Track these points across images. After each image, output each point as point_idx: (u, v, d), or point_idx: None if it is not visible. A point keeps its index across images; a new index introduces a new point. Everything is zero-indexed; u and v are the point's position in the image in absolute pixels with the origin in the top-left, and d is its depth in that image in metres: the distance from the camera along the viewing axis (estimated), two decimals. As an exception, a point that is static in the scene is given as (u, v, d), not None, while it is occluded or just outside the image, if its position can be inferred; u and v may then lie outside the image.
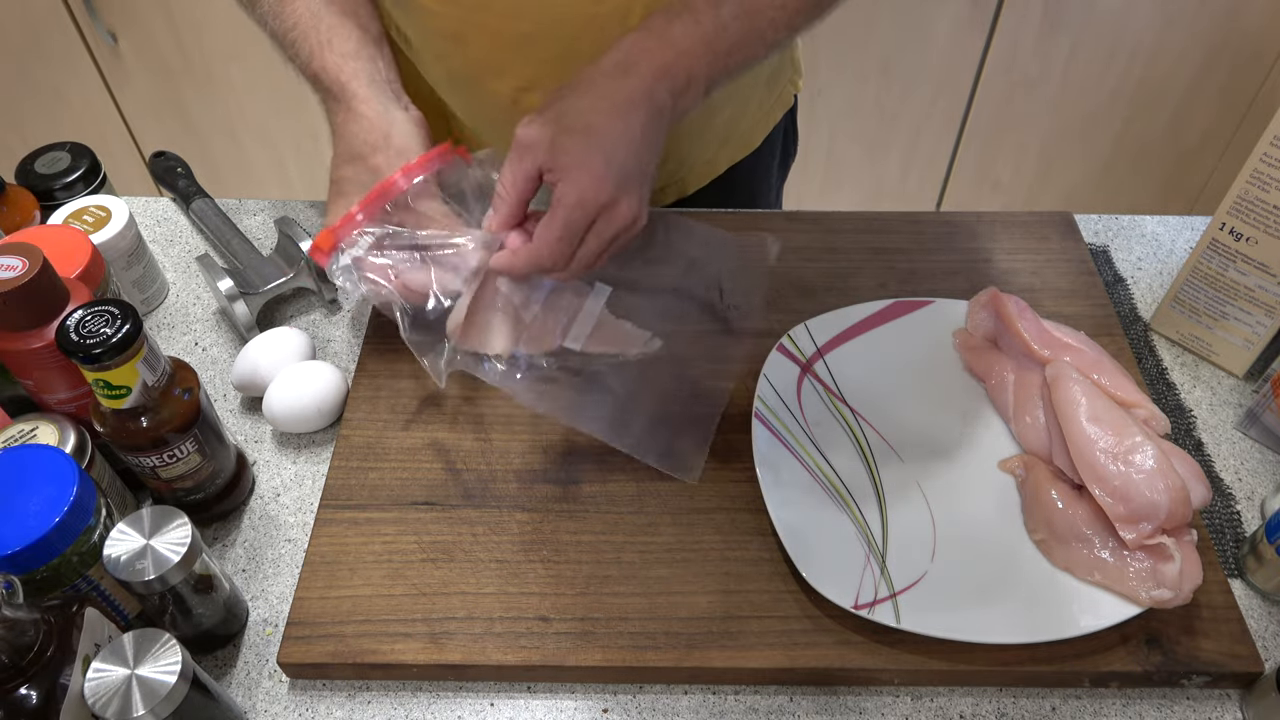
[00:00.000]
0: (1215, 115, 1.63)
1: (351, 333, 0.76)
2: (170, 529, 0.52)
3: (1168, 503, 0.54)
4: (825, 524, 0.59)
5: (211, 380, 0.73)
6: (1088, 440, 0.58)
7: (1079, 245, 0.78)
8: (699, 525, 0.61)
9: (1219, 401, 0.70)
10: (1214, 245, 0.68)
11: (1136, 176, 1.74)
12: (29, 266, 0.57)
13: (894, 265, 0.76)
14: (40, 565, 0.51)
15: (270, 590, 0.61)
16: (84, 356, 0.52)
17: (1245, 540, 0.62)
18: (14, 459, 0.53)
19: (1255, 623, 0.59)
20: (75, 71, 1.63)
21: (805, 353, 0.69)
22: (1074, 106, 1.62)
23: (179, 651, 0.47)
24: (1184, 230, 0.83)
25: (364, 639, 0.56)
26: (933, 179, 1.76)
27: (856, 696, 0.56)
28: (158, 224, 0.86)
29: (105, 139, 1.71)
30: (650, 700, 0.56)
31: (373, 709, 0.56)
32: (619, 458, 0.64)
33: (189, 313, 0.78)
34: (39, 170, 0.81)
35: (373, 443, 0.66)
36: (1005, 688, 0.56)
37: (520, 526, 0.61)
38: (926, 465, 0.63)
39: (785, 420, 0.65)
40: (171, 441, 0.57)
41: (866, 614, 0.55)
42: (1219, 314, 0.70)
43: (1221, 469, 0.66)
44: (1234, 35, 1.52)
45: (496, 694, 0.57)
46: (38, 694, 0.46)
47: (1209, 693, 0.56)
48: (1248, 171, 0.63)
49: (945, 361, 0.69)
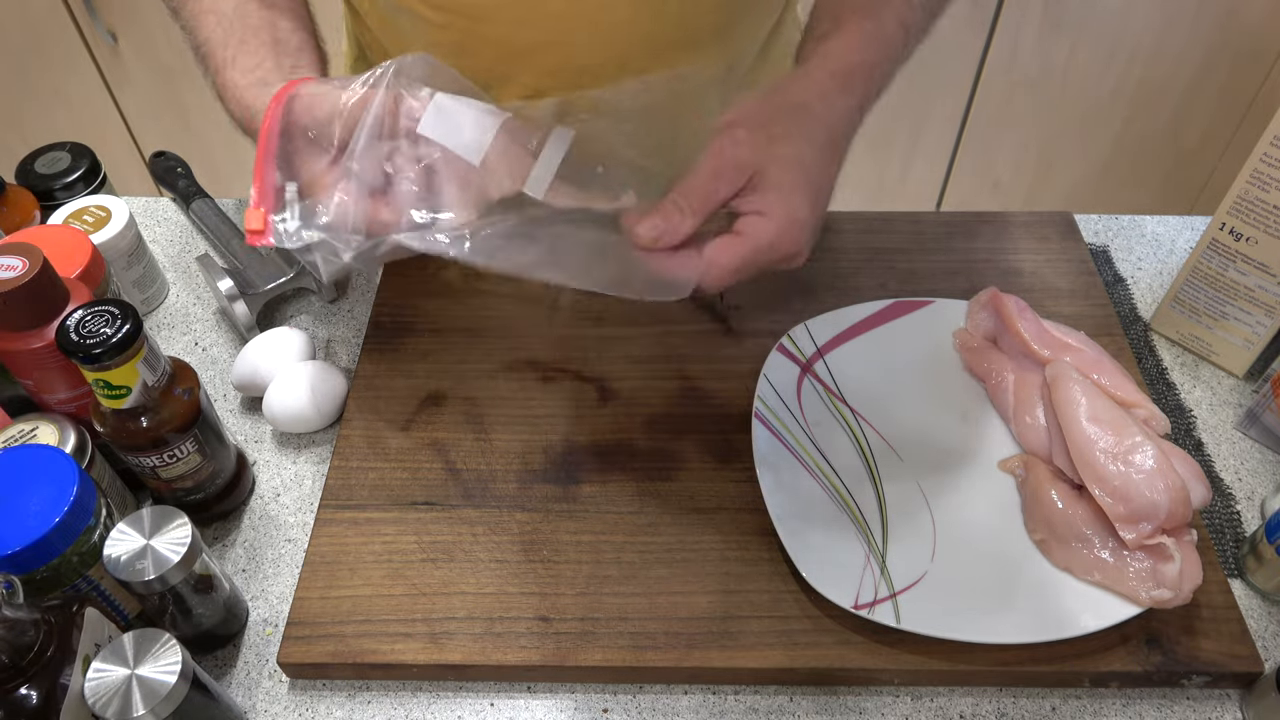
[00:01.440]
0: (1215, 115, 1.63)
1: (351, 333, 0.76)
2: (170, 529, 0.52)
3: (1168, 503, 0.54)
4: (825, 524, 0.59)
5: (211, 380, 0.73)
6: (1088, 440, 0.58)
7: (1079, 245, 0.78)
8: (699, 525, 0.61)
9: (1219, 401, 0.70)
10: (1214, 245, 0.68)
11: (1136, 176, 1.74)
12: (29, 266, 0.57)
13: (894, 265, 0.76)
14: (40, 565, 0.51)
15: (270, 590, 0.61)
16: (84, 356, 0.52)
17: (1245, 540, 0.62)
18: (14, 459, 0.53)
19: (1255, 623, 0.59)
20: (75, 71, 1.63)
21: (805, 353, 0.69)
22: (1074, 106, 1.62)
23: (179, 651, 0.47)
24: (1184, 230, 0.83)
25: (364, 639, 0.56)
26: (933, 179, 1.76)
27: (856, 696, 0.56)
28: (158, 224, 0.86)
29: (105, 139, 1.71)
30: (650, 700, 0.56)
31: (373, 709, 0.56)
32: (619, 457, 0.64)
33: (189, 313, 0.78)
34: (39, 170, 0.81)
35: (373, 443, 0.66)
36: (1005, 688, 0.56)
37: (520, 526, 0.61)
38: (926, 465, 0.63)
39: (785, 420, 0.65)
40: (171, 441, 0.58)
41: (866, 614, 0.55)
42: (1219, 314, 0.70)
43: (1221, 469, 0.66)
44: (1234, 35, 1.52)
45: (496, 694, 0.57)
46: (38, 694, 0.46)
47: (1209, 693, 0.56)
48: (1248, 171, 0.63)
49: (945, 361, 0.69)
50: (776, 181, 0.52)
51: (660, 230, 0.52)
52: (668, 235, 0.52)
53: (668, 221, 0.52)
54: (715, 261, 0.52)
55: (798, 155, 0.53)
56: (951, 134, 1.68)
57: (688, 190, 0.53)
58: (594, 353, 0.71)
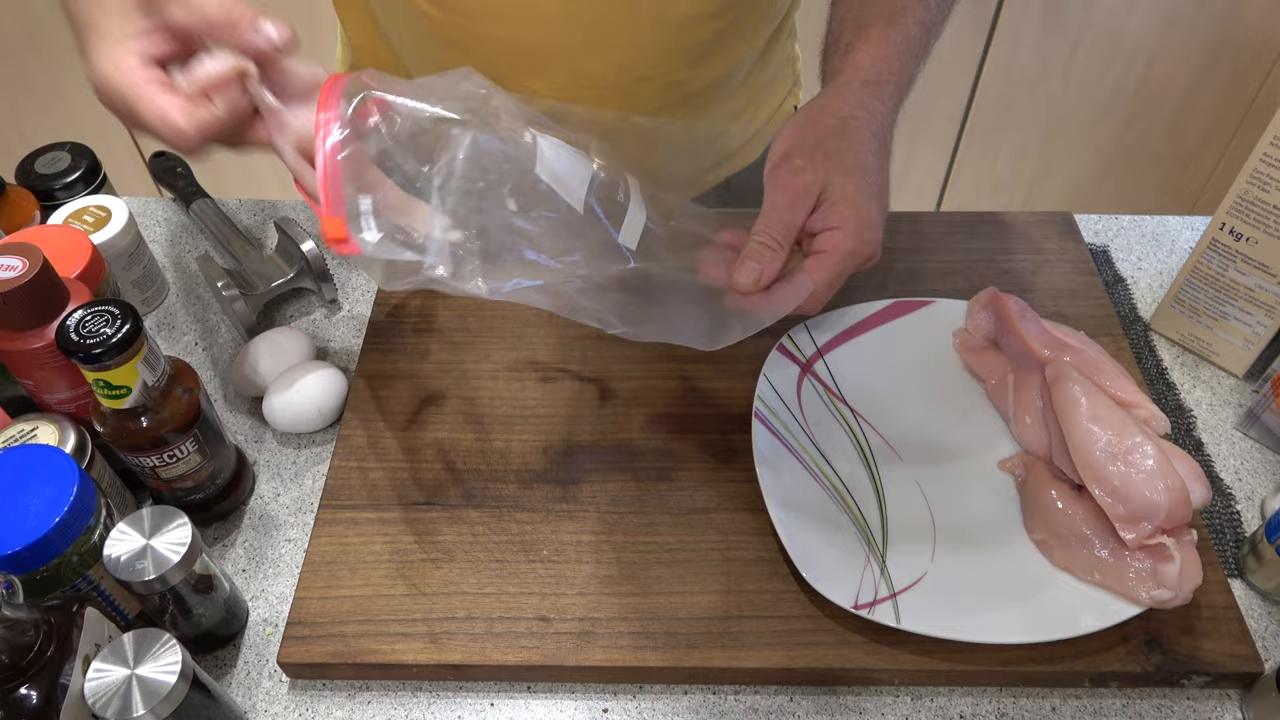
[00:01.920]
0: (1215, 115, 1.63)
1: (351, 333, 0.76)
2: (170, 529, 0.52)
3: (1168, 503, 0.54)
4: (825, 524, 0.59)
5: (211, 380, 0.73)
6: (1088, 440, 0.58)
7: (1079, 245, 0.78)
8: (699, 525, 0.61)
9: (1219, 401, 0.70)
10: (1214, 245, 0.68)
11: (1136, 176, 1.74)
12: (29, 266, 0.57)
13: (894, 265, 0.76)
14: (40, 565, 0.51)
15: (270, 590, 0.61)
16: (84, 356, 0.52)
17: (1245, 540, 0.62)
18: (14, 459, 0.53)
19: (1255, 623, 0.59)
20: (75, 71, 1.62)
21: (805, 353, 0.69)
22: (1074, 106, 1.62)
23: (179, 651, 0.47)
24: (1184, 230, 0.83)
25: (364, 639, 0.56)
26: (933, 179, 1.76)
27: (856, 696, 0.56)
28: (158, 224, 0.86)
29: (105, 139, 1.71)
30: (650, 700, 0.56)
31: (373, 709, 0.56)
32: (619, 457, 0.64)
33: (189, 313, 0.78)
34: (39, 170, 0.81)
35: (373, 443, 0.66)
36: (1005, 688, 0.56)
37: (520, 526, 0.61)
38: (926, 465, 0.63)
39: (785, 420, 0.65)
40: (171, 441, 0.58)
41: (866, 614, 0.55)
42: (1219, 314, 0.70)
43: (1221, 469, 0.66)
44: (1234, 35, 1.52)
45: (496, 694, 0.57)
46: (38, 694, 0.46)
47: (1209, 693, 0.56)
48: (1248, 171, 0.63)
49: (945, 361, 0.69)
50: (841, 195, 0.55)
51: (758, 272, 0.55)
52: (766, 274, 0.55)
53: (761, 262, 0.55)
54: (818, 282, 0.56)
55: (856, 166, 0.56)
56: (951, 134, 1.68)
57: (768, 226, 0.55)
58: (594, 353, 0.71)
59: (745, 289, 0.55)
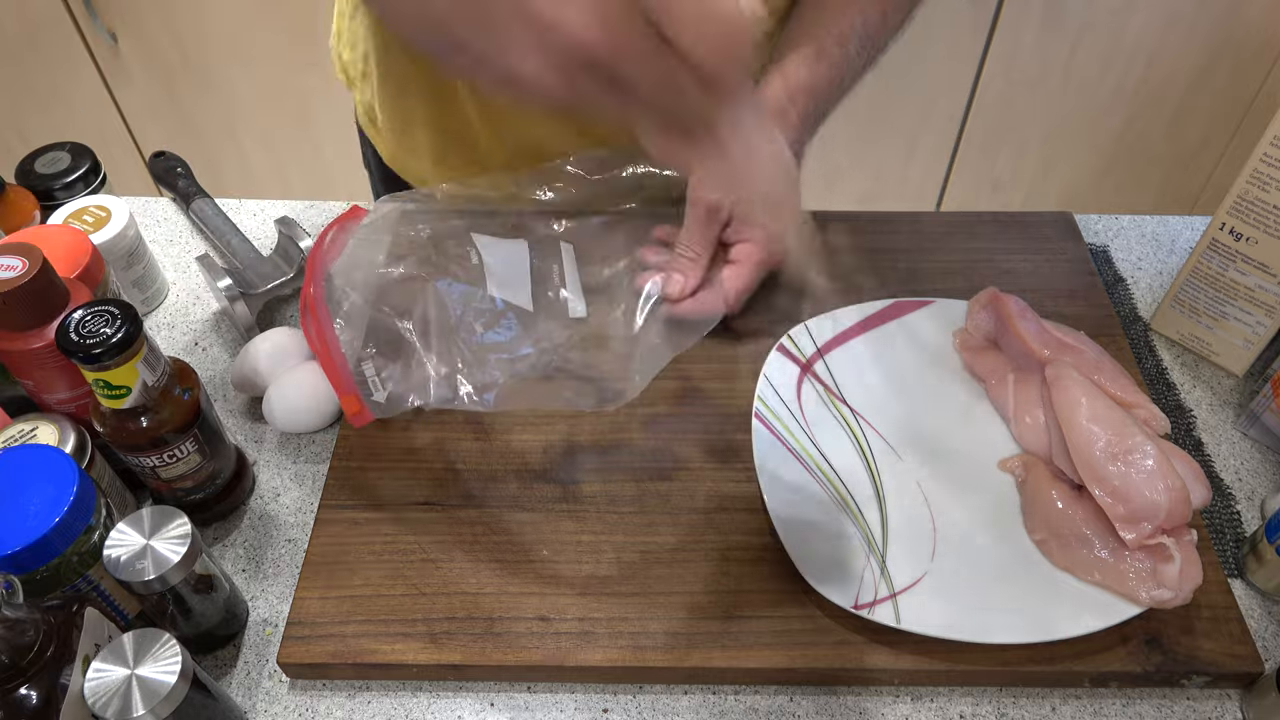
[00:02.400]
0: (1215, 115, 1.63)
1: (351, 333, 0.76)
2: (170, 529, 0.52)
3: (1168, 503, 0.54)
4: (825, 524, 0.59)
5: (211, 380, 0.73)
6: (1088, 440, 0.58)
7: (1079, 245, 0.78)
8: (699, 525, 0.61)
9: (1219, 401, 0.70)
10: (1214, 245, 0.68)
11: (1136, 176, 1.74)
12: (29, 266, 0.57)
13: (894, 265, 0.76)
14: (40, 565, 0.51)
15: (270, 590, 0.61)
16: (84, 356, 0.52)
17: (1245, 540, 0.62)
18: (14, 459, 0.53)
19: (1255, 623, 0.59)
20: (75, 71, 1.63)
21: (805, 353, 0.69)
22: (1074, 106, 1.62)
23: (179, 651, 0.47)
24: (1184, 230, 0.83)
25: (364, 639, 0.56)
26: (933, 179, 1.76)
27: (856, 696, 0.56)
28: (158, 224, 0.86)
29: (105, 139, 1.71)
30: (650, 700, 0.56)
31: (373, 709, 0.56)
32: (619, 457, 0.64)
33: (189, 313, 0.78)
34: (39, 170, 0.81)
35: (373, 443, 0.66)
36: (1005, 688, 0.56)
37: (520, 526, 0.61)
38: (926, 465, 0.63)
39: (785, 420, 0.65)
40: (171, 441, 0.58)
41: (866, 614, 0.55)
42: (1219, 314, 0.70)
43: (1221, 469, 0.66)
44: (1234, 35, 1.52)
45: (496, 694, 0.57)
46: (38, 694, 0.46)
47: (1209, 693, 0.56)
48: (1248, 171, 0.63)
49: (945, 361, 0.69)
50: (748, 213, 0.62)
51: (682, 283, 0.62)
52: (689, 281, 0.63)
53: (685, 273, 0.63)
54: (732, 289, 0.64)
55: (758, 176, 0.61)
56: (951, 134, 1.68)
57: (689, 240, 0.63)
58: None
59: (674, 297, 0.63)
